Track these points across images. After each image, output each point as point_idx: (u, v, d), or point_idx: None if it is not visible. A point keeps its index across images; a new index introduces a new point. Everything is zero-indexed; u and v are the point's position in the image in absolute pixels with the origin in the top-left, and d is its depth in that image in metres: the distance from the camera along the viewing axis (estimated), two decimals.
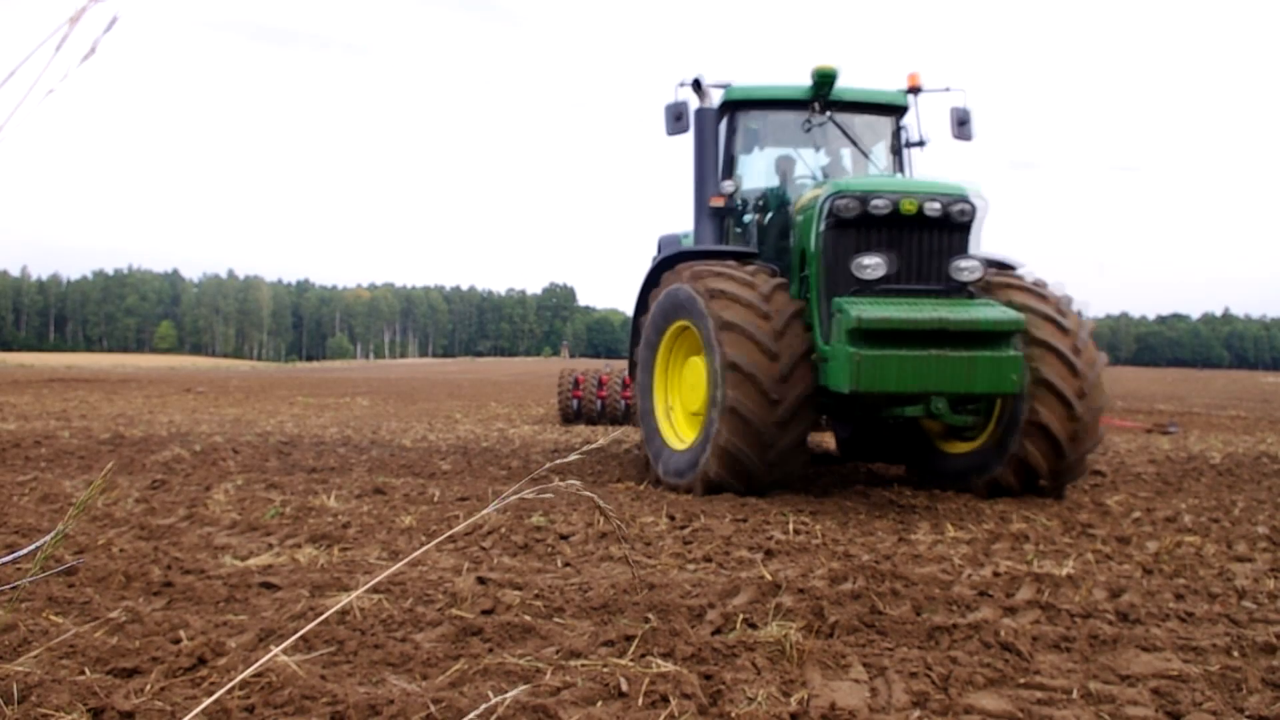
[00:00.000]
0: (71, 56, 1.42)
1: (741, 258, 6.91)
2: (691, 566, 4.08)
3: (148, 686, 2.43)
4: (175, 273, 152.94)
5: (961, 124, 7.67)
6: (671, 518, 5.22)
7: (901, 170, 7.76)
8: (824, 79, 7.15)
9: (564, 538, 4.59)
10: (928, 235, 6.08)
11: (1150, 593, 3.68)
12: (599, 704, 2.38)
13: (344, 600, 3.26)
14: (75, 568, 3.75)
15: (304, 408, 16.85)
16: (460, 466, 7.75)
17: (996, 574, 3.95)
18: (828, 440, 9.57)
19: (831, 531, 4.90)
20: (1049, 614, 3.32)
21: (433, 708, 2.25)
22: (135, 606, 3.26)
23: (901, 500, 6.10)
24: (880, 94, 7.65)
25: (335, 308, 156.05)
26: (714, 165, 7.35)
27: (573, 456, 2.07)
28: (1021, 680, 2.62)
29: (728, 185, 7.38)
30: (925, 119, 7.78)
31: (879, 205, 5.96)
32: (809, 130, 7.44)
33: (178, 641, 2.82)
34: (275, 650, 2.22)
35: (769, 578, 3.71)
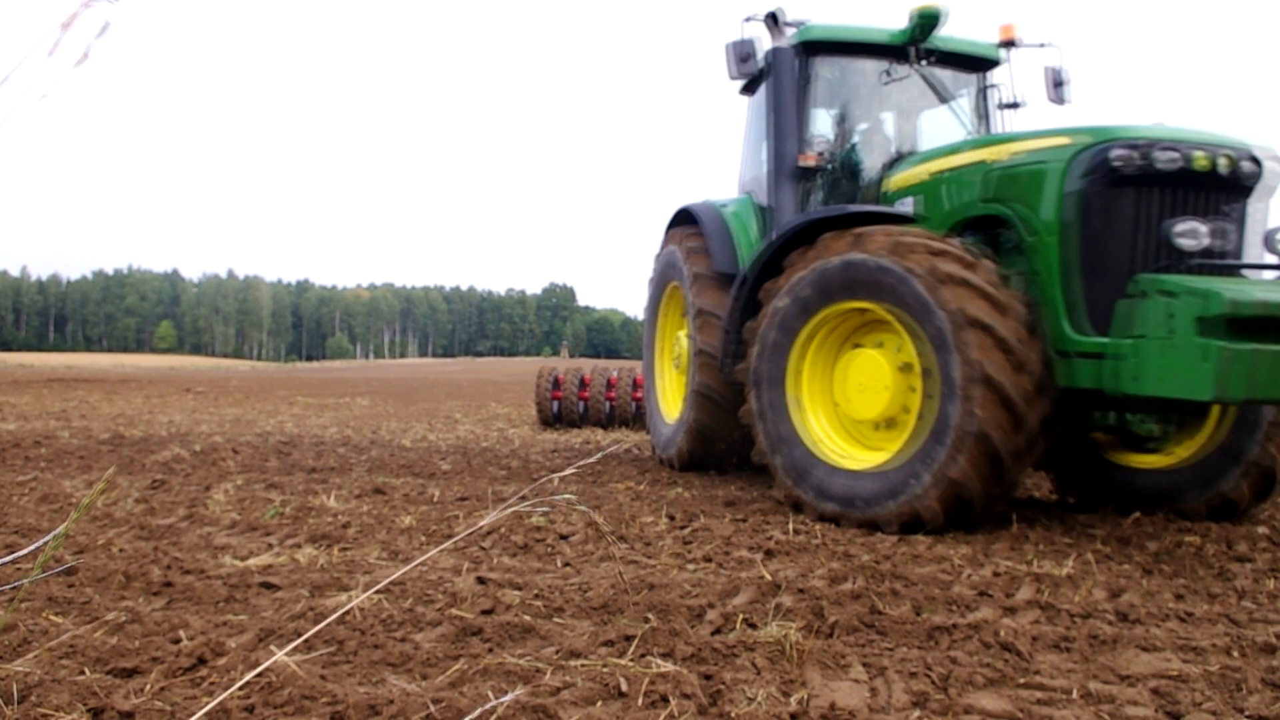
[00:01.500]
0: (65, 61, 1.43)
1: (896, 221, 5.52)
2: (691, 566, 4.08)
3: (148, 686, 2.43)
4: (175, 273, 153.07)
5: (1058, 85, 6.82)
6: (671, 518, 5.22)
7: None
8: (927, 21, 6.14)
9: (564, 538, 4.59)
10: (1231, 199, 4.88)
11: (1150, 593, 3.69)
12: (599, 704, 2.38)
13: (350, 603, 3.26)
14: (75, 568, 3.75)
15: (304, 408, 16.85)
16: (460, 466, 7.74)
17: (996, 574, 3.95)
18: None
19: (831, 531, 4.90)
20: (1049, 614, 3.32)
21: (433, 708, 2.25)
22: (135, 606, 3.26)
23: None
24: (974, 45, 6.69)
25: (335, 308, 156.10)
26: (795, 115, 6.32)
27: (578, 464, 2.06)
28: (1021, 680, 2.62)
29: (820, 140, 6.39)
30: (1013, 79, 6.84)
31: (1172, 159, 4.74)
32: (888, 83, 6.48)
33: (178, 641, 2.82)
34: (279, 653, 2.22)
35: (769, 578, 3.71)
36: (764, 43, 6.61)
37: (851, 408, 5.28)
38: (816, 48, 6.53)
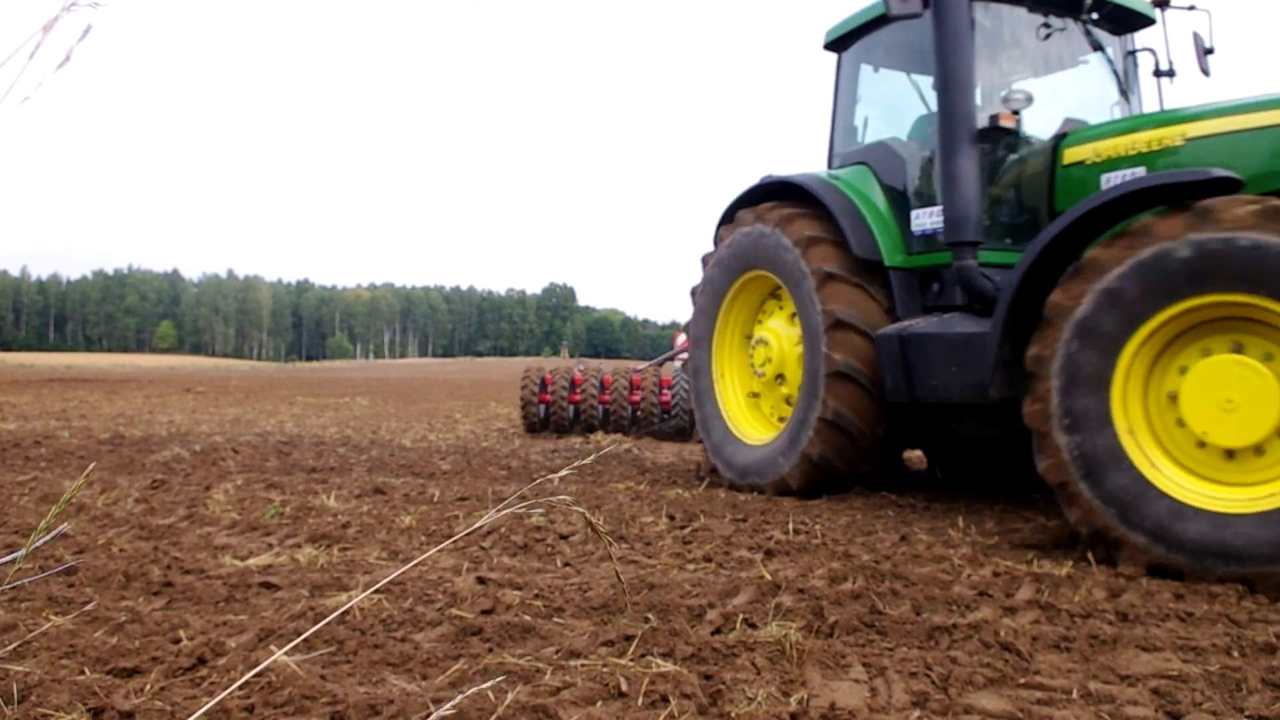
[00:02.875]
0: (47, 64, 1.43)
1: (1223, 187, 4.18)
2: (691, 566, 4.08)
3: (148, 686, 2.43)
4: (175, 273, 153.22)
5: (1208, 53, 6.00)
6: (671, 518, 5.22)
7: (1129, 105, 6.00)
8: None
9: (564, 538, 4.59)
10: None
11: (1150, 593, 3.68)
12: (599, 704, 2.38)
13: (350, 603, 3.26)
14: (75, 568, 3.75)
15: (304, 408, 16.85)
16: (460, 466, 7.74)
17: (996, 574, 3.95)
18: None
19: (831, 531, 4.90)
20: (1049, 614, 3.32)
21: (432, 708, 2.25)
22: (135, 606, 3.26)
23: (901, 500, 6.10)
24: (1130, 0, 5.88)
25: (335, 308, 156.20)
26: (971, 63, 5.24)
27: (575, 464, 2.07)
28: (1021, 680, 2.62)
29: (1019, 95, 5.31)
30: (1167, 44, 6.04)
31: None
32: (1046, 37, 5.70)
33: (178, 641, 2.82)
34: (279, 653, 2.22)
35: (769, 578, 3.71)
36: None
37: (1215, 432, 3.95)
38: None
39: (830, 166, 6.75)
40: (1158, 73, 6.15)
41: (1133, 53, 6.17)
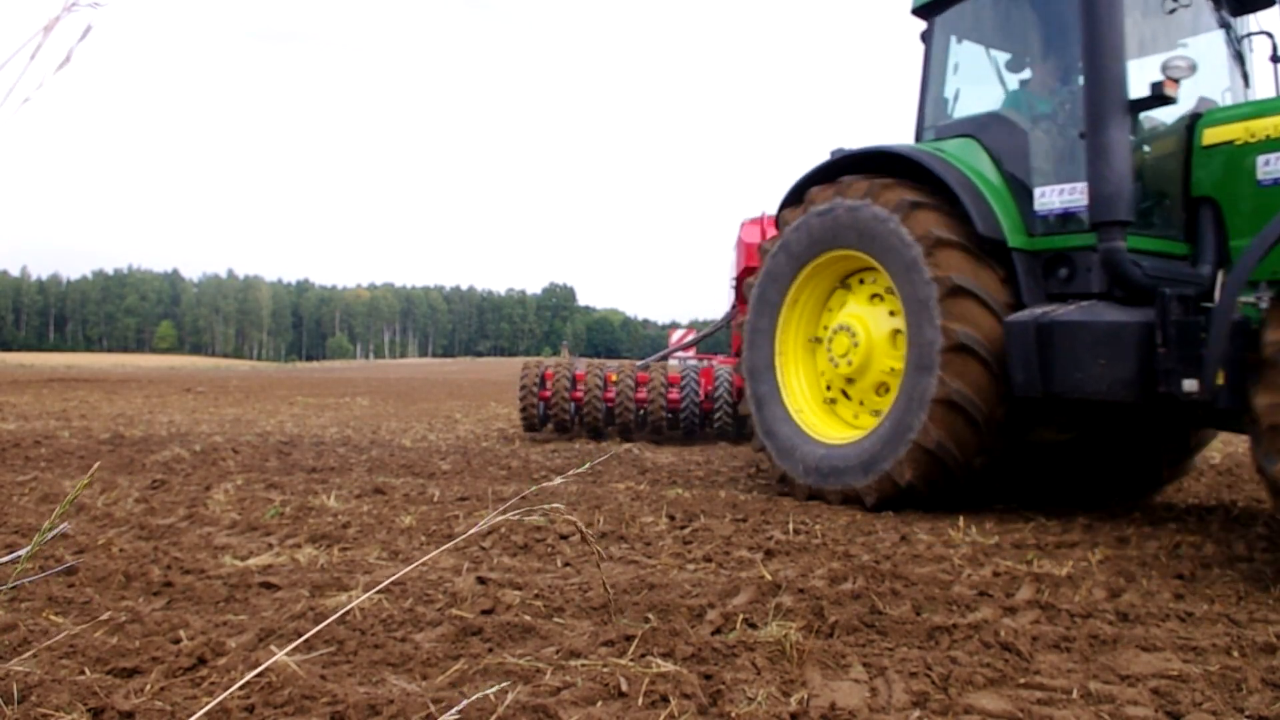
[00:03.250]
0: (47, 65, 1.43)
1: None
2: (691, 566, 4.08)
3: (148, 686, 2.43)
4: (175, 273, 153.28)
5: None
6: (671, 518, 5.22)
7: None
8: None
9: (564, 537, 4.59)
10: None
11: (1150, 593, 3.68)
12: (599, 704, 2.38)
13: (351, 603, 3.27)
14: (75, 568, 3.75)
15: (304, 408, 16.85)
16: (460, 466, 7.74)
17: (996, 574, 3.95)
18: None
19: (831, 531, 4.90)
20: (1049, 614, 3.32)
21: (433, 708, 2.25)
22: (135, 606, 3.26)
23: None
24: None
25: (335, 308, 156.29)
26: (1123, 27, 4.86)
27: (572, 472, 2.07)
28: (1021, 680, 2.62)
29: (1180, 62, 4.87)
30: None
31: None
32: (1173, 10, 5.40)
33: (178, 641, 2.82)
34: (279, 654, 2.22)
35: (769, 578, 3.71)
36: None
37: None
38: None
39: (920, 140, 6.25)
40: (1274, 58, 5.78)
41: (1248, 36, 5.81)
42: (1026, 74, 6.01)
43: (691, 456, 8.82)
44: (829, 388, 6.29)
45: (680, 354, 12.14)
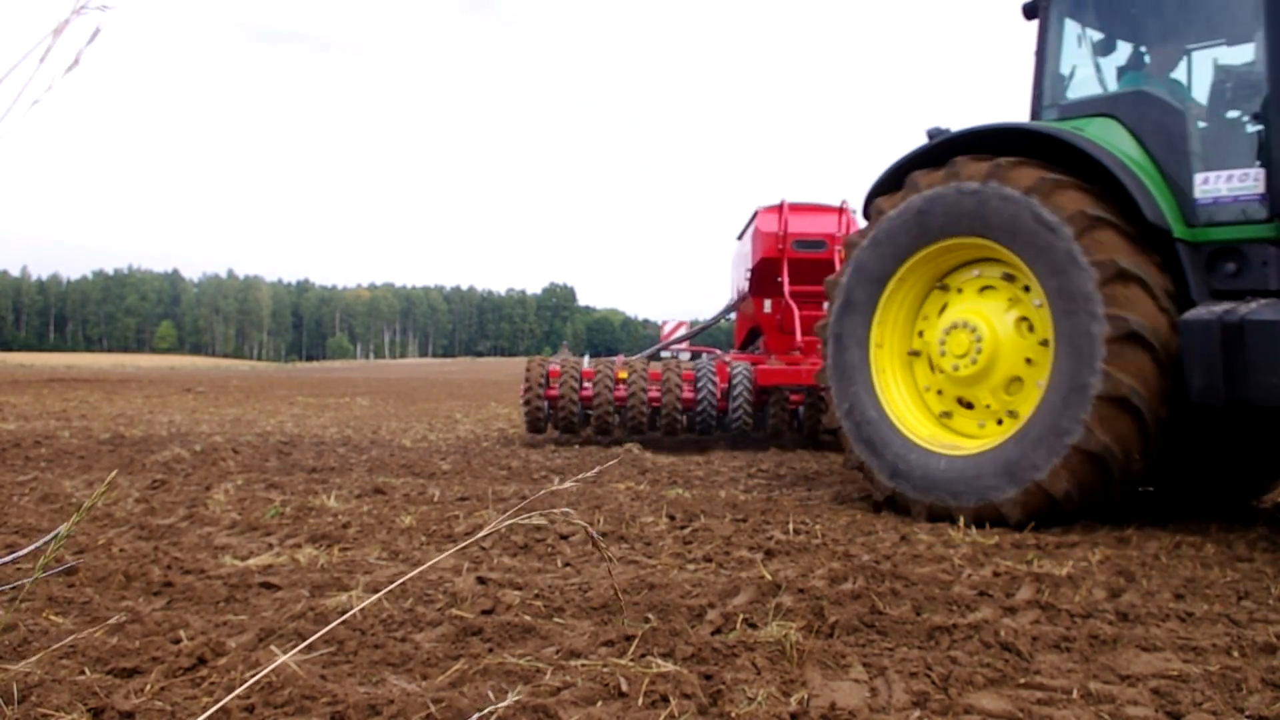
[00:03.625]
0: (57, 67, 1.43)
1: None
2: (691, 566, 4.08)
3: (148, 686, 2.43)
4: (175, 273, 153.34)
5: None
6: (671, 518, 5.22)
7: None
8: None
9: (564, 538, 4.59)
10: None
11: (1150, 593, 3.68)
12: (599, 704, 2.38)
13: (352, 605, 3.27)
14: (75, 568, 3.75)
15: (304, 408, 16.84)
16: (460, 466, 7.74)
17: (996, 574, 3.95)
18: None
19: (831, 531, 4.90)
20: (1049, 614, 3.32)
21: (433, 708, 2.25)
22: (135, 606, 3.26)
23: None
24: None
25: (335, 308, 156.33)
26: None
27: (577, 477, 2.07)
28: (1021, 680, 2.62)
29: None
30: None
31: None
32: None
33: (178, 641, 2.82)
34: (279, 654, 2.22)
35: (769, 578, 3.71)
36: None
37: None
38: None
39: (1037, 118, 5.77)
40: None
41: None
42: (1161, 53, 5.59)
43: (692, 457, 8.80)
44: (940, 394, 5.65)
45: (677, 347, 11.87)
